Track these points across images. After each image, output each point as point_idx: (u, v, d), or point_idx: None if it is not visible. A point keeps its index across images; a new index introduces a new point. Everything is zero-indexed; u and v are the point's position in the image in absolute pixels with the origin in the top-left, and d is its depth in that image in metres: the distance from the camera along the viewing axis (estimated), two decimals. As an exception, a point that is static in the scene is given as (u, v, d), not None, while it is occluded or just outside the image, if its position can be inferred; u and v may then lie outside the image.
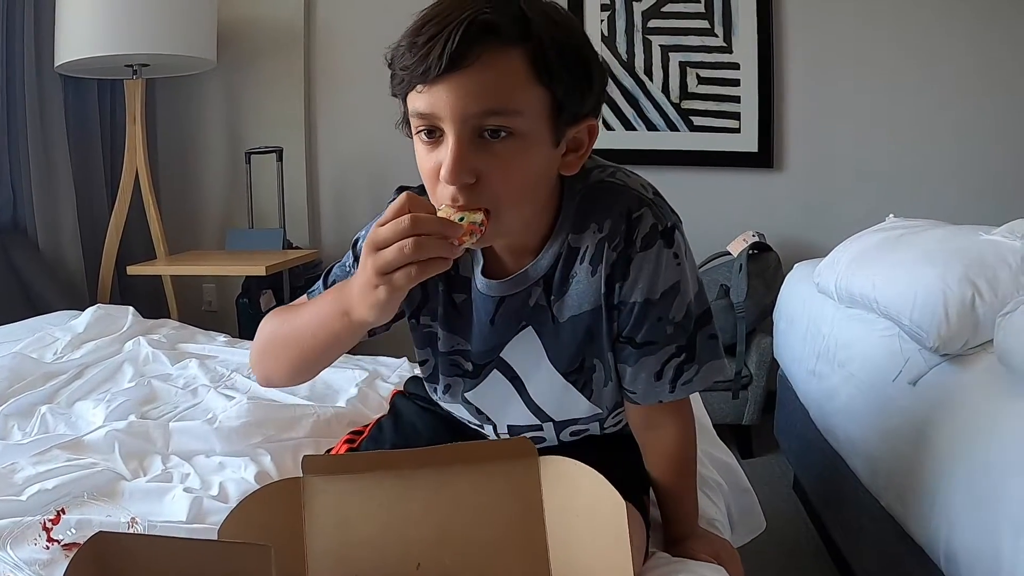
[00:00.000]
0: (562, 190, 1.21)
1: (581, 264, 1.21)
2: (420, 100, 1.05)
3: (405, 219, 0.98)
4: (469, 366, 1.31)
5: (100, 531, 0.91)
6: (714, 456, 1.80)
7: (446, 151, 1.04)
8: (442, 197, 1.07)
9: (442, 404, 1.43)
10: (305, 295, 1.39)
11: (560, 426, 1.38)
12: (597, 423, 1.39)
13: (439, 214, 1.03)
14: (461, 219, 1.02)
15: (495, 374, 1.32)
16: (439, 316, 1.30)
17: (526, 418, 1.36)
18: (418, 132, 1.09)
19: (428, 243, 0.98)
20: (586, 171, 1.22)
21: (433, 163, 1.07)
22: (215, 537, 1.14)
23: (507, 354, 1.30)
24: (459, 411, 1.41)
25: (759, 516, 1.82)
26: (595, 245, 1.19)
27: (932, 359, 1.82)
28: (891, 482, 1.89)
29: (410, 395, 1.57)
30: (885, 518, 1.92)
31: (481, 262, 1.25)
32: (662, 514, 1.40)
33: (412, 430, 1.48)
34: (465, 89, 1.02)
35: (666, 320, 1.21)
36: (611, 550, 0.88)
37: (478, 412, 1.38)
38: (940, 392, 1.77)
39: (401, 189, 1.20)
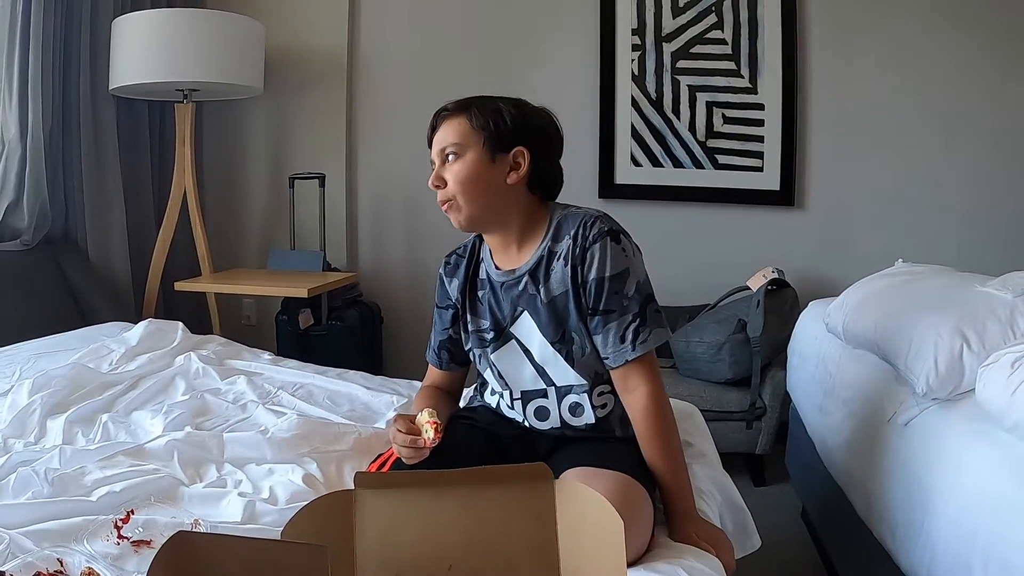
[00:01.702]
0: (550, 220, 1.82)
1: (558, 261, 1.77)
2: (431, 152, 1.82)
3: (396, 446, 1.68)
4: (490, 336, 1.87)
5: (180, 531, 1.06)
6: (712, 475, 1.94)
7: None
8: (438, 197, 1.79)
9: (480, 370, 1.94)
10: (429, 364, 2.06)
11: (560, 393, 1.83)
12: (587, 395, 1.82)
13: (420, 418, 1.67)
14: (426, 432, 1.63)
15: (512, 343, 1.84)
16: (468, 308, 1.91)
17: (534, 381, 1.85)
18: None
19: (407, 454, 1.66)
20: (565, 207, 1.84)
21: None
22: (270, 535, 1.30)
23: (515, 330, 1.84)
24: (491, 379, 1.92)
25: (754, 534, 1.96)
26: (567, 247, 1.76)
27: (924, 402, 1.95)
28: (883, 516, 2.01)
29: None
30: (878, 548, 2.04)
31: (491, 263, 1.87)
32: (662, 497, 1.73)
33: (449, 438, 1.76)
34: (436, 141, 1.80)
35: (621, 295, 1.73)
36: (610, 560, 1.03)
37: (500, 377, 1.88)
38: (929, 433, 1.89)
39: (449, 254, 1.98)
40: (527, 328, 1.82)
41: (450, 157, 1.76)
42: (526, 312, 1.81)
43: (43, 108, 3.51)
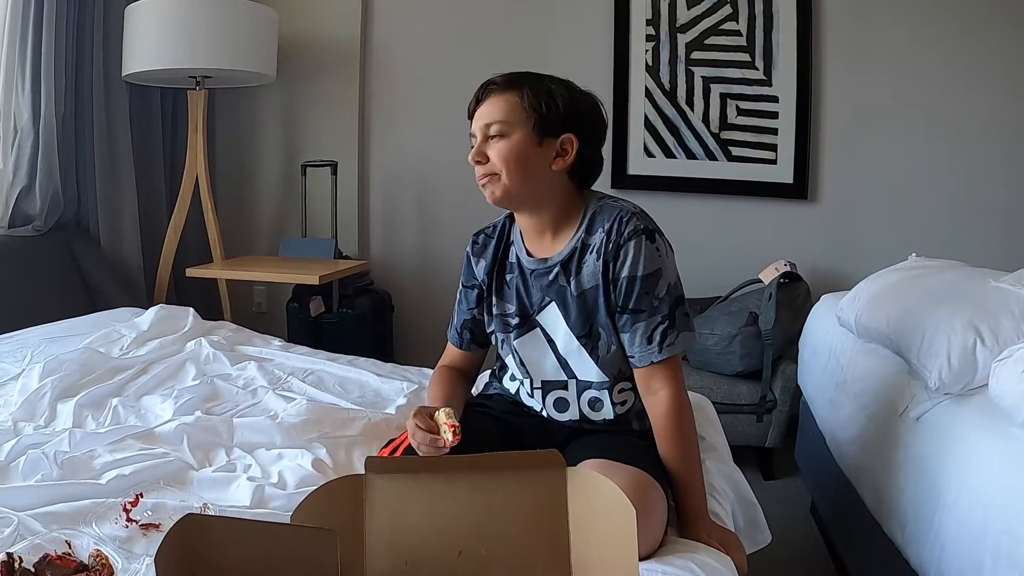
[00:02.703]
0: (585, 210, 1.79)
1: (590, 254, 1.75)
2: (472, 125, 1.77)
3: (415, 442, 1.66)
4: (515, 321, 1.85)
5: (189, 513, 1.05)
6: (723, 471, 1.94)
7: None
8: (477, 172, 1.75)
9: (502, 355, 1.94)
10: (449, 342, 2.04)
11: (580, 387, 1.82)
12: (607, 392, 1.80)
13: (438, 416, 1.67)
14: (445, 433, 1.62)
15: (536, 331, 1.83)
16: (494, 291, 1.88)
17: (556, 372, 1.83)
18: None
19: (426, 451, 1.63)
20: (600, 198, 1.81)
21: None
22: (279, 520, 1.30)
23: (540, 319, 1.82)
24: (512, 365, 1.91)
25: (764, 529, 1.96)
26: (600, 241, 1.73)
27: (935, 396, 1.94)
28: (893, 511, 2.00)
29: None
30: (887, 543, 2.03)
31: (524, 249, 1.84)
32: (675, 496, 1.71)
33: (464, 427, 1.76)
34: (481, 115, 1.75)
35: (652, 295, 1.71)
36: (622, 549, 1.02)
37: (521, 364, 1.87)
38: (940, 428, 1.88)
39: (477, 233, 1.95)
40: (553, 319, 1.80)
41: (495, 135, 1.72)
42: (554, 303, 1.79)
43: (56, 94, 3.53)
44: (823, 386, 2.74)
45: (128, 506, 1.55)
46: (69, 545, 1.39)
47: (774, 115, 4.01)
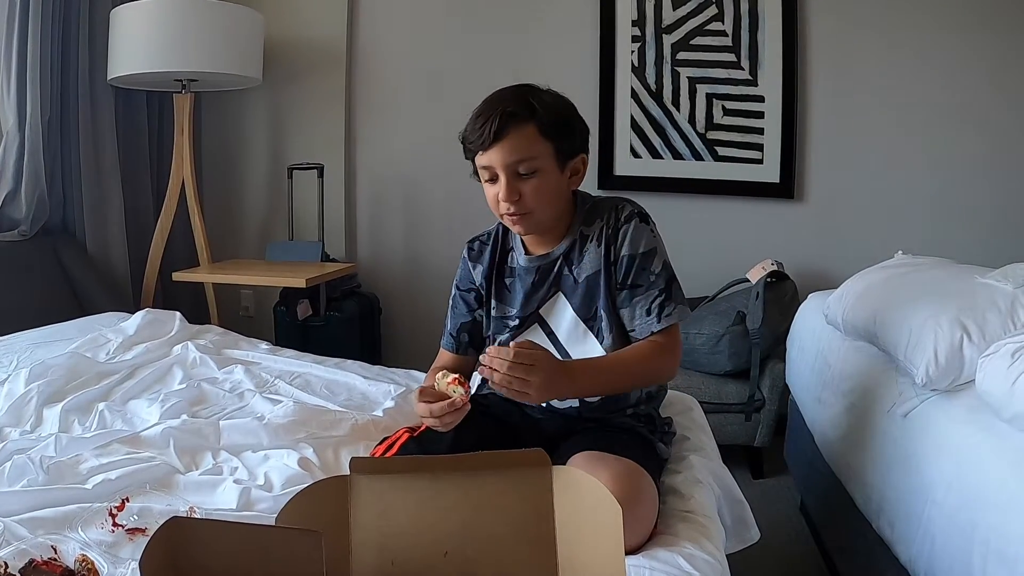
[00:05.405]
0: (575, 206, 1.88)
1: (590, 243, 1.84)
2: (482, 159, 1.77)
3: (423, 418, 1.66)
4: (513, 322, 1.90)
5: (174, 516, 1.05)
6: (710, 468, 1.93)
7: (501, 186, 1.75)
8: (502, 209, 1.77)
9: None
10: (442, 347, 2.05)
11: None
12: None
13: (439, 383, 1.68)
14: (455, 391, 1.64)
15: (535, 327, 1.89)
16: (493, 295, 1.93)
17: None
18: (484, 180, 1.80)
19: (438, 424, 1.64)
20: (592, 197, 1.91)
21: (494, 193, 1.77)
22: (266, 522, 1.30)
23: (544, 312, 1.88)
24: None
25: (752, 526, 1.96)
26: (599, 230, 1.83)
27: (923, 393, 1.95)
28: (882, 508, 2.01)
29: None
30: (877, 540, 2.04)
31: (522, 251, 1.90)
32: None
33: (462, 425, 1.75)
34: (504, 151, 1.73)
35: (649, 271, 1.80)
36: (608, 547, 1.02)
37: None
38: (928, 425, 1.88)
39: (472, 240, 2.00)
40: (560, 308, 1.87)
41: (525, 172, 1.74)
42: (560, 292, 1.87)
43: (41, 98, 3.51)
44: (811, 384, 2.74)
45: (114, 510, 1.54)
46: (55, 550, 1.38)
47: (760, 115, 4.02)
